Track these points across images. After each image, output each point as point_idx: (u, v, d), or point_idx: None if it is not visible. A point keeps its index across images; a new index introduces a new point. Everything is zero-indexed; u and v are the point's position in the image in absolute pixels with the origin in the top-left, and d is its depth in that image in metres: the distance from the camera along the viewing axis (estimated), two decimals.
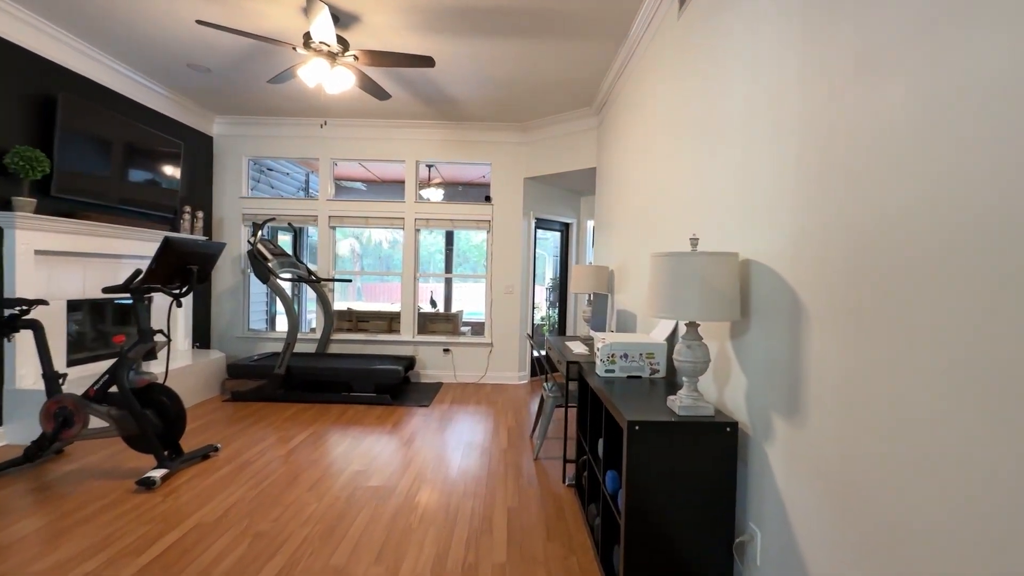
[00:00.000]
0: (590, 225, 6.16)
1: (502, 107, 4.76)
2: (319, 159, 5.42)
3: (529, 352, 5.65)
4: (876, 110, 1.10)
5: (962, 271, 0.88)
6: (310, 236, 7.32)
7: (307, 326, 7.24)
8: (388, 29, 3.28)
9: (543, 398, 3.57)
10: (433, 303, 7.66)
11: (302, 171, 7.06)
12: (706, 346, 1.67)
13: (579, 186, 5.74)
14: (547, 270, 6.57)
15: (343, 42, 3.11)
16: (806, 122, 1.36)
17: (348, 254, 13.18)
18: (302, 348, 5.45)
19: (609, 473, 1.94)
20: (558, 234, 6.15)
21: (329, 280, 5.30)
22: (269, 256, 4.62)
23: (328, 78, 3.19)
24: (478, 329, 7.34)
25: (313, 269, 5.35)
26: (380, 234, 13.35)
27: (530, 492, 2.72)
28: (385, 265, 13.73)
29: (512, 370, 5.49)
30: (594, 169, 4.87)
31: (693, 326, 1.68)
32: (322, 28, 2.90)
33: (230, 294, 5.44)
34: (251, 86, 4.40)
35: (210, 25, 2.83)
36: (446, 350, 5.47)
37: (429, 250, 11.27)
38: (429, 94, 4.44)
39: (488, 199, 5.46)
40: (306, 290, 7.11)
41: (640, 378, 2.27)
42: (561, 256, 6.16)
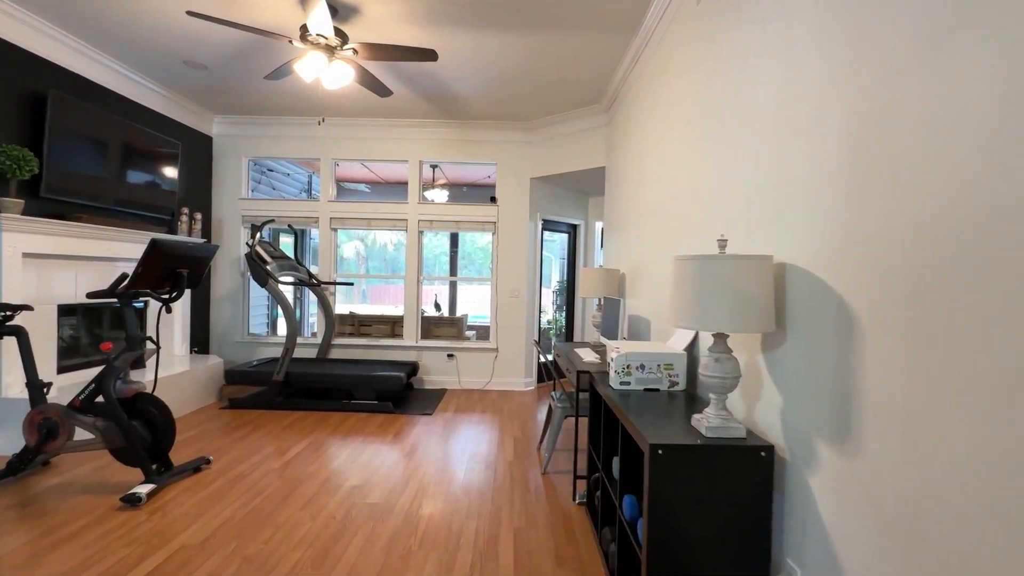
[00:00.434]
0: (598, 227, 5.99)
1: (508, 104, 4.61)
2: (320, 159, 5.29)
3: (536, 358, 5.48)
4: (950, 90, 0.93)
5: None
6: (313, 239, 7.20)
7: (309, 330, 7.11)
8: (388, 21, 3.13)
9: (551, 408, 3.40)
10: (437, 306, 7.51)
11: (304, 172, 6.94)
12: (736, 360, 1.50)
13: (587, 186, 5.58)
14: (553, 273, 6.41)
15: (341, 35, 2.97)
16: (856, 108, 1.19)
17: (353, 257, 13.07)
18: (303, 353, 5.31)
19: (627, 498, 1.77)
20: (565, 236, 5.99)
21: (330, 283, 5.16)
22: (268, 259, 4.48)
23: (326, 73, 3.05)
24: (483, 333, 7.19)
25: (315, 272, 5.22)
26: (385, 236, 13.22)
27: (538, 510, 2.55)
28: (390, 268, 13.60)
29: (518, 376, 5.32)
30: (603, 168, 4.71)
31: (721, 337, 1.51)
32: (319, 20, 2.76)
33: (229, 298, 5.31)
34: (249, 84, 4.27)
35: (201, 16, 2.70)
36: (450, 355, 5.32)
37: (434, 252, 11.13)
38: (432, 91, 4.30)
39: (493, 200, 5.31)
40: (308, 293, 6.98)
41: (658, 391, 2.10)
42: (568, 258, 5.99)
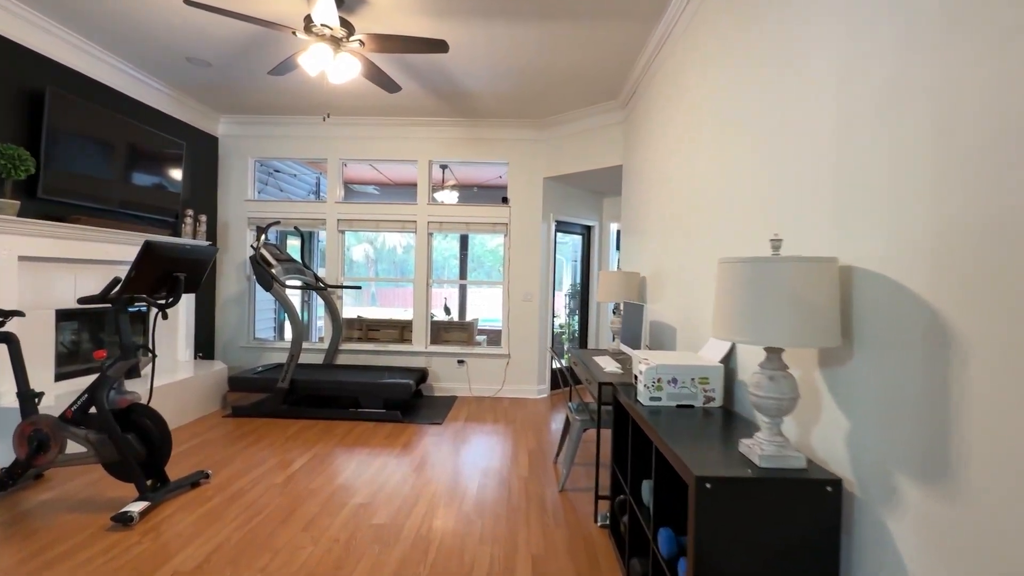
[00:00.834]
0: (614, 228, 5.79)
1: (520, 101, 4.43)
2: (327, 159, 5.15)
3: (549, 364, 5.28)
4: None
5: None
6: (321, 241, 7.08)
7: (317, 335, 6.99)
8: (397, 11, 2.97)
9: (568, 419, 3.21)
10: (447, 310, 7.35)
11: (312, 174, 6.82)
12: (793, 378, 1.30)
13: (602, 186, 5.38)
14: (565, 276, 6.21)
15: (347, 26, 2.81)
16: (955, 77, 0.99)
17: (362, 259, 12.96)
18: (310, 359, 5.17)
19: (663, 532, 1.57)
20: (578, 238, 5.79)
21: (337, 287, 5.02)
22: (273, 262, 4.35)
23: (332, 66, 2.90)
24: (494, 338, 7.01)
25: (322, 275, 5.08)
26: (394, 239, 13.10)
27: (557, 534, 2.35)
28: (399, 270, 13.48)
29: (531, 383, 5.13)
30: (619, 167, 4.51)
31: (776, 352, 1.31)
32: (324, 9, 2.61)
33: (235, 301, 5.19)
34: (254, 82, 4.14)
35: (200, 6, 2.55)
36: (460, 361, 5.14)
37: (444, 255, 10.99)
38: (441, 87, 4.14)
39: (505, 200, 5.13)
40: (317, 297, 6.86)
41: (692, 407, 1.90)
42: (582, 261, 5.79)
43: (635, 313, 3.04)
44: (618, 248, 5.81)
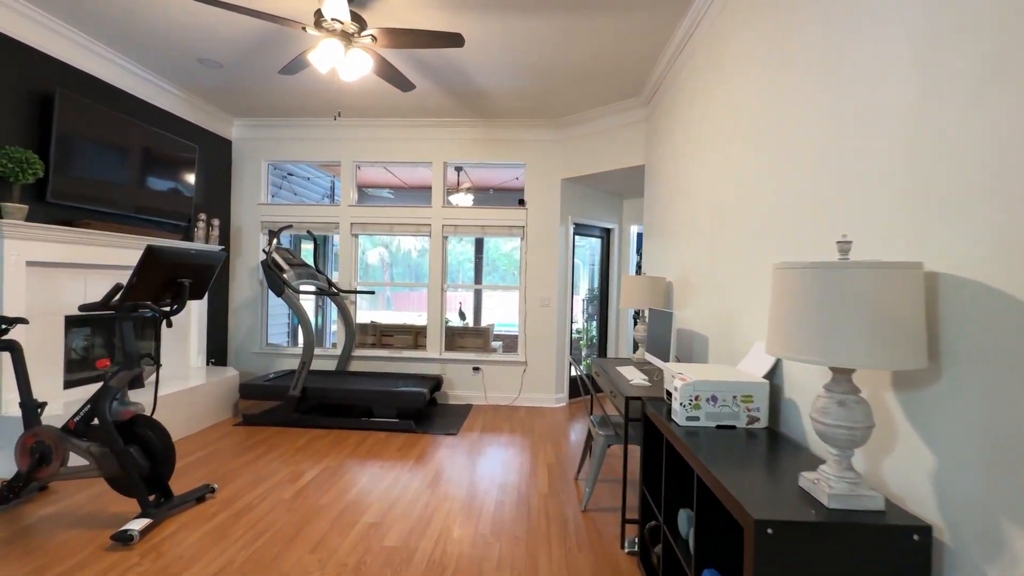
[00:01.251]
0: (634, 231, 5.59)
1: (537, 99, 4.28)
2: (340, 162, 5.06)
3: (567, 372, 5.10)
4: None
5: None
6: (336, 245, 7.00)
7: (330, 340, 6.90)
8: (409, 5, 2.85)
9: (590, 433, 3.03)
10: (462, 315, 7.21)
11: (326, 177, 6.75)
12: (867, 404, 1.11)
13: (622, 188, 5.20)
14: (582, 280, 6.01)
15: (359, 20, 2.69)
16: None
17: (377, 263, 12.92)
18: (323, 365, 5.07)
19: (708, 573, 1.39)
20: (597, 241, 5.61)
21: (350, 292, 4.91)
22: (285, 266, 4.25)
23: (343, 63, 2.78)
24: (510, 344, 6.85)
25: (335, 280, 4.98)
26: (409, 243, 13.03)
27: (581, 561, 2.18)
28: (414, 274, 13.41)
29: (548, 391, 4.95)
30: (641, 167, 4.33)
31: (845, 373, 1.13)
32: (334, 3, 2.49)
33: (248, 307, 5.12)
34: (267, 83, 4.06)
35: (209, 2, 2.46)
36: (476, 368, 4.99)
37: (459, 259, 10.89)
38: (456, 86, 4.00)
39: (522, 202, 4.98)
40: (330, 302, 6.78)
41: (733, 428, 1.71)
42: (601, 265, 5.60)
43: (662, 321, 2.86)
44: (639, 252, 5.62)
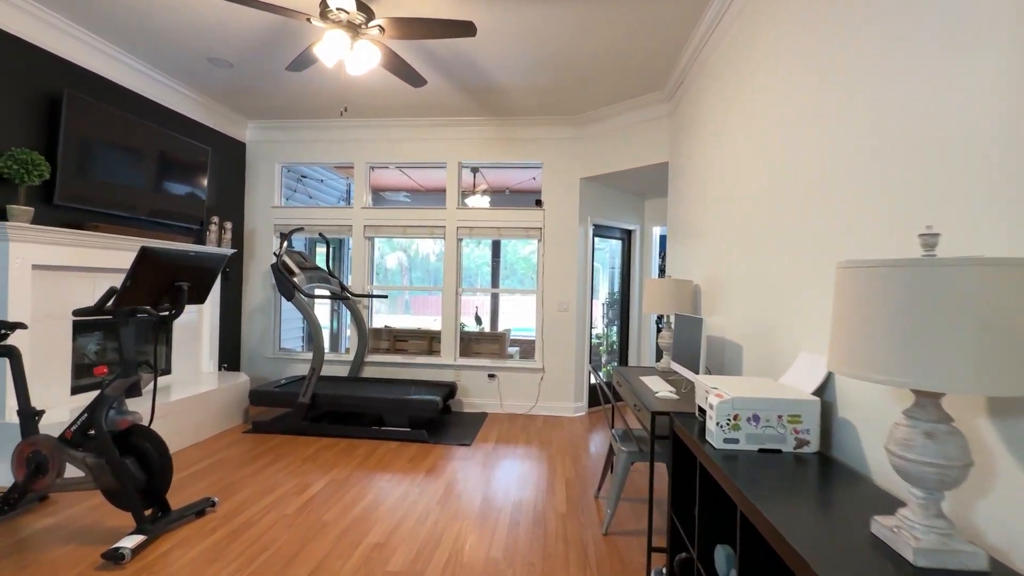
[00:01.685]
0: (657, 232, 5.35)
1: (554, 95, 4.10)
2: (353, 164, 4.96)
3: (587, 379, 4.88)
4: None
5: None
6: (352, 248, 6.93)
7: (345, 345, 6.82)
8: None
9: (612, 448, 2.82)
10: (478, 320, 7.05)
11: (342, 180, 6.69)
12: (962, 435, 0.89)
13: (644, 187, 4.97)
14: (602, 284, 5.79)
15: (366, 10, 2.56)
16: None
17: (396, 267, 12.87)
18: (336, 371, 4.96)
19: None
20: (618, 243, 5.38)
21: (363, 296, 4.79)
22: (296, 270, 4.15)
23: (349, 55, 2.65)
24: (527, 350, 6.66)
25: (349, 284, 4.88)
26: (427, 247, 12.95)
27: None
28: (432, 279, 13.32)
29: (567, 400, 4.74)
30: (664, 165, 4.10)
31: (932, 397, 0.91)
32: None
33: (261, 311, 5.05)
34: (277, 83, 3.98)
35: None
36: (491, 375, 4.81)
37: (476, 263, 10.76)
38: (470, 82, 3.85)
39: (539, 203, 4.80)
40: (345, 306, 6.69)
41: (779, 452, 1.49)
42: (622, 268, 5.38)
43: (690, 328, 2.63)
44: (662, 254, 5.38)
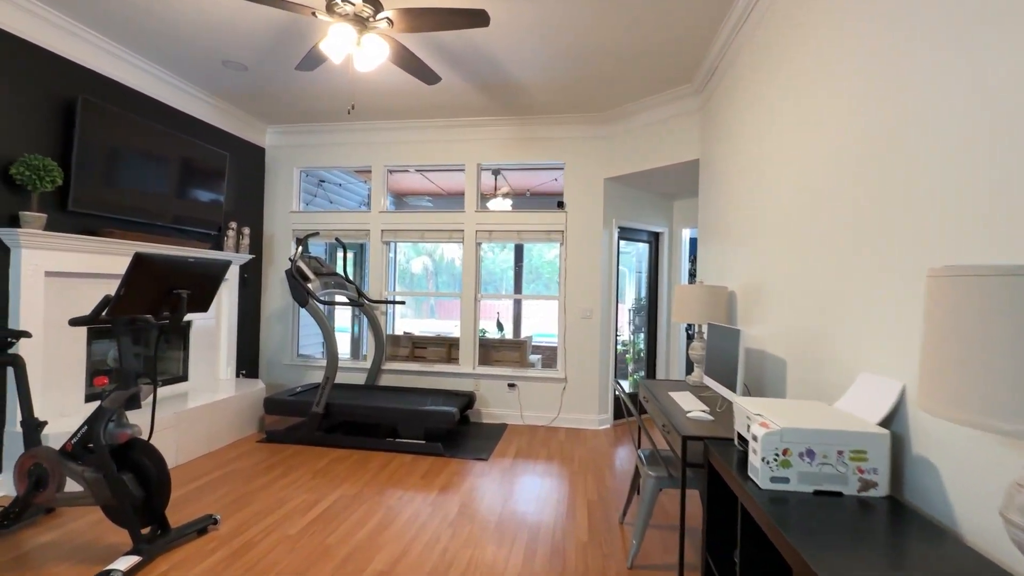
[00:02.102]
0: (686, 234, 5.07)
1: (576, 91, 3.90)
2: (371, 167, 4.87)
3: (612, 390, 4.64)
4: None
5: None
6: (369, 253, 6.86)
7: (364, 351, 6.74)
8: None
9: (638, 471, 2.58)
10: (500, 326, 6.87)
11: (362, 185, 6.63)
12: None
13: (672, 187, 4.71)
14: (628, 289, 5.52)
15: (373, 2, 2.42)
16: None
17: (422, 273, 12.84)
18: (352, 379, 4.86)
19: None
20: (645, 246, 5.12)
21: (379, 302, 4.68)
22: (311, 276, 4.06)
23: (356, 50, 2.52)
24: (549, 357, 6.43)
25: (367, 290, 4.78)
26: (452, 251, 12.87)
27: None
28: (457, 283, 13.22)
29: (591, 412, 4.50)
30: (695, 163, 3.84)
31: None
32: None
33: (279, 317, 5.00)
34: (292, 86, 3.91)
35: None
36: (511, 385, 4.62)
37: (501, 267, 10.60)
38: (487, 79, 3.69)
39: (561, 205, 4.59)
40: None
41: (840, 496, 1.25)
42: (649, 272, 5.11)
43: (726, 339, 2.38)
44: (692, 258, 5.09)
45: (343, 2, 2.37)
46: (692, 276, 5.68)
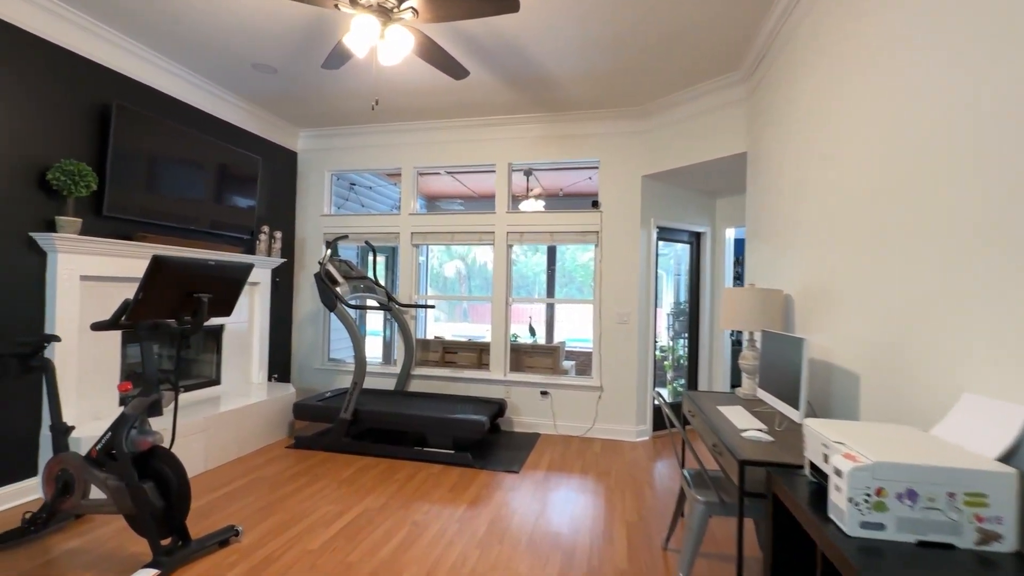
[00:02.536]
0: (730, 234, 4.75)
1: (611, 84, 3.69)
2: (401, 168, 4.80)
3: (651, 400, 4.37)
4: None
5: None
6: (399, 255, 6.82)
7: (395, 355, 6.69)
8: None
9: (683, 493, 2.34)
10: (532, 331, 6.69)
11: (392, 188, 6.60)
12: None
13: (715, 184, 4.41)
14: (665, 292, 5.22)
15: None
16: None
17: (455, 277, 12.80)
18: (381, 384, 4.79)
19: None
20: (684, 247, 4.83)
21: (409, 306, 4.59)
22: (340, 279, 4.00)
23: (380, 42, 2.41)
24: (583, 364, 6.21)
25: (396, 294, 4.70)
26: (485, 254, 12.76)
27: None
28: (490, 287, 13.12)
29: (628, 423, 4.26)
30: (742, 156, 3.56)
31: None
32: None
33: (311, 321, 4.99)
34: (321, 87, 3.87)
35: None
36: (544, 393, 4.43)
37: (534, 270, 10.43)
38: (518, 74, 3.53)
39: (596, 204, 4.38)
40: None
41: (951, 548, 1.01)
42: (690, 275, 4.82)
43: (784, 349, 2.12)
44: (737, 259, 4.77)
45: None
46: (738, 279, 5.34)
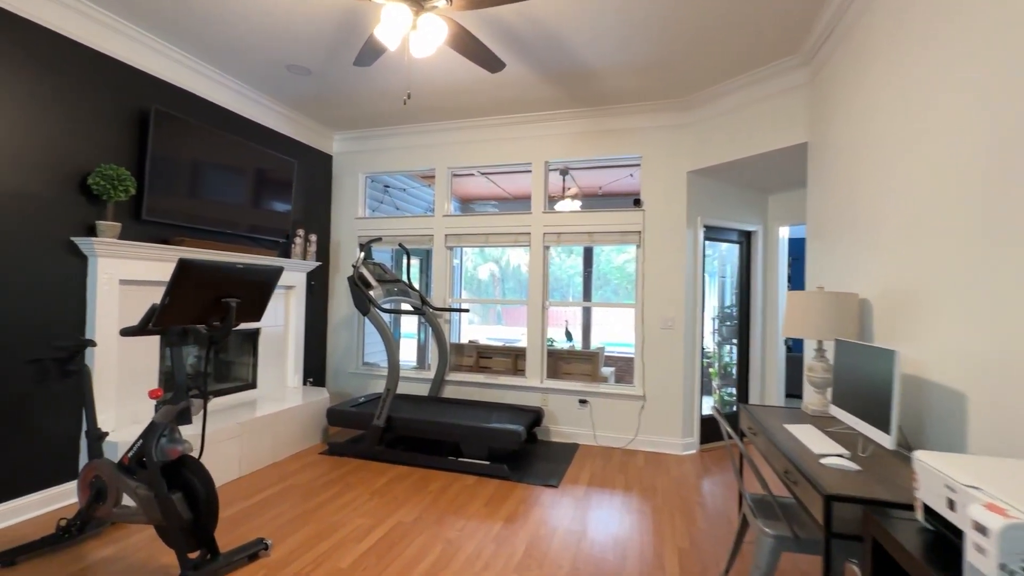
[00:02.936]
0: (783, 233, 4.41)
1: (656, 74, 3.46)
2: (435, 169, 4.70)
3: (698, 411, 4.09)
4: None
5: None
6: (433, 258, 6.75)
7: (429, 359, 6.61)
8: None
9: (744, 520, 2.10)
10: (569, 335, 6.48)
11: (426, 189, 6.54)
12: None
13: (767, 179, 4.10)
14: (710, 295, 4.90)
15: None
16: None
17: (488, 279, 12.71)
18: (415, 389, 4.69)
19: None
20: (732, 247, 4.52)
21: (443, 309, 4.47)
22: (373, 283, 3.93)
23: (412, 33, 2.29)
24: (623, 370, 5.95)
25: (430, 297, 4.60)
26: (519, 257, 12.62)
27: None
28: (524, 290, 12.96)
29: (673, 435, 3.99)
30: (800, 148, 3.26)
31: None
32: None
33: (347, 324, 4.95)
34: (355, 88, 3.81)
35: None
36: (583, 401, 4.22)
37: (568, 273, 10.21)
38: (556, 66, 3.36)
39: (638, 203, 4.15)
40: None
41: None
42: (740, 277, 4.50)
43: (868, 361, 1.85)
44: (792, 260, 4.42)
45: None
46: (790, 281, 4.98)
